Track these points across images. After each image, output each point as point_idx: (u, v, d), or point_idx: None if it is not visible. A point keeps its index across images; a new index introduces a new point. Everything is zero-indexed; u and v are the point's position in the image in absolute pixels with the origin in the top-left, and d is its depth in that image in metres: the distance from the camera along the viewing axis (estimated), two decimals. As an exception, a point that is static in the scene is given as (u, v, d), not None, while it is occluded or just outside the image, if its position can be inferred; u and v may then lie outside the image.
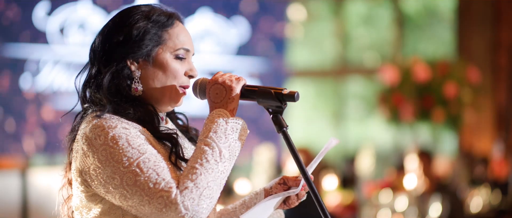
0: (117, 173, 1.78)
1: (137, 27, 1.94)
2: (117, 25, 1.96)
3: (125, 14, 1.98)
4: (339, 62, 9.85)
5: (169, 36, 1.97)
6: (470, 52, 8.68)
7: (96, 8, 6.52)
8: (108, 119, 1.86)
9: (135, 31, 1.93)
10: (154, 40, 1.95)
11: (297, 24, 9.66)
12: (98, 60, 1.95)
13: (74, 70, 6.39)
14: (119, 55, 1.94)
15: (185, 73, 1.99)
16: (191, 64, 2.01)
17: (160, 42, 1.96)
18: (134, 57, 1.94)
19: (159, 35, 1.96)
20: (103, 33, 1.97)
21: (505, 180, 6.65)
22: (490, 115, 8.64)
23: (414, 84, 6.91)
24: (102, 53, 1.95)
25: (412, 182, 5.32)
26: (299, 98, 1.89)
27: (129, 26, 1.94)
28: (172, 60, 1.96)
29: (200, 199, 1.75)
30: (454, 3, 9.30)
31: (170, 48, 1.96)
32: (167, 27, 1.97)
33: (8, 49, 6.22)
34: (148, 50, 1.94)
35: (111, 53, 1.94)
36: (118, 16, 1.99)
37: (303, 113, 9.98)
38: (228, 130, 1.84)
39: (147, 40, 1.94)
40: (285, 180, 2.10)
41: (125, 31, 1.94)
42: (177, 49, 1.97)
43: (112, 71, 1.93)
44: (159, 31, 1.96)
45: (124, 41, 1.93)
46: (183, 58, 1.98)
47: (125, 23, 1.95)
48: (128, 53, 1.94)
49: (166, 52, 1.96)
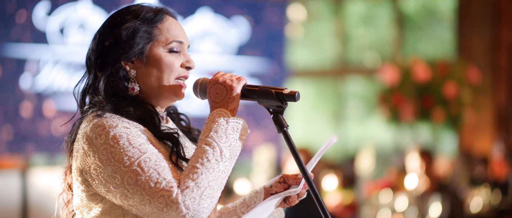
0: (118, 172, 1.78)
1: (125, 28, 1.94)
2: (107, 28, 1.98)
3: (114, 17, 1.99)
4: (339, 62, 9.85)
5: (159, 31, 1.97)
6: (470, 52, 8.69)
7: (96, 8, 6.52)
8: (109, 118, 1.86)
9: (124, 32, 1.94)
10: (144, 38, 1.95)
11: (297, 24, 9.66)
12: (94, 65, 1.96)
13: (74, 70, 6.40)
14: (112, 58, 1.94)
15: (181, 65, 1.98)
16: (187, 56, 2.00)
17: (151, 38, 1.96)
18: (128, 58, 1.95)
19: (149, 32, 1.96)
20: (95, 38, 1.99)
21: (505, 180, 6.65)
22: (490, 115, 8.65)
23: (414, 84, 6.92)
24: (96, 57, 1.96)
25: (413, 182, 5.32)
26: (300, 98, 1.89)
27: (118, 27, 1.95)
28: (165, 55, 1.96)
29: (201, 199, 1.75)
30: (454, 3, 9.30)
31: (162, 43, 1.97)
32: (157, 22, 1.97)
33: (8, 49, 6.22)
34: (140, 48, 1.95)
35: (105, 57, 1.95)
36: (108, 20, 2.00)
37: (303, 112, 9.98)
38: (228, 129, 1.84)
39: (138, 38, 1.94)
40: (285, 178, 2.10)
41: (115, 33, 1.94)
42: (169, 43, 1.97)
43: (108, 74, 1.94)
44: (148, 28, 1.96)
45: (115, 43, 1.94)
46: (177, 51, 1.98)
47: (114, 25, 1.96)
48: (120, 54, 1.94)
49: (158, 48, 1.96)
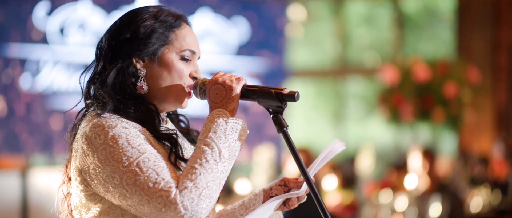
0: (117, 173, 1.78)
1: (144, 26, 1.94)
2: (124, 23, 1.97)
3: (134, 14, 1.99)
4: (339, 62, 9.85)
5: (175, 37, 1.98)
6: (470, 52, 8.68)
7: (95, 8, 6.52)
8: (108, 118, 1.86)
9: (142, 29, 1.94)
10: (160, 40, 1.96)
11: (297, 24, 9.66)
12: (104, 57, 1.96)
13: (74, 70, 6.40)
14: (125, 52, 1.94)
15: (189, 75, 1.99)
16: (196, 66, 2.01)
17: (166, 42, 1.96)
18: (140, 55, 1.95)
19: (166, 35, 1.97)
20: (110, 31, 1.98)
21: (505, 180, 6.65)
22: (490, 115, 8.64)
23: (414, 84, 6.92)
24: (108, 50, 1.96)
25: (413, 182, 5.32)
26: (299, 98, 1.89)
27: (136, 24, 1.95)
28: (177, 61, 1.97)
29: (200, 199, 1.75)
30: (454, 3, 9.30)
31: (176, 49, 1.97)
32: (175, 28, 1.98)
33: (8, 49, 6.22)
34: (154, 49, 1.95)
35: (117, 50, 1.95)
36: (126, 15, 2.00)
37: (303, 113, 9.98)
38: (227, 130, 1.84)
39: (153, 39, 1.95)
40: (285, 181, 2.10)
41: (132, 29, 1.95)
42: (183, 50, 1.97)
43: (117, 68, 1.93)
44: (166, 31, 1.97)
45: (131, 39, 1.94)
46: (189, 60, 1.99)
47: (133, 21, 1.96)
48: (134, 51, 1.94)
49: (172, 53, 1.96)
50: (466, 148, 8.48)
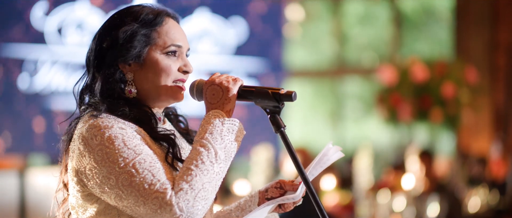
0: (113, 173, 1.78)
1: (124, 31, 1.92)
2: (106, 29, 1.96)
3: (114, 18, 1.97)
4: (337, 62, 9.85)
5: (158, 35, 1.95)
6: (468, 52, 8.69)
7: (93, 8, 6.51)
8: (104, 118, 1.85)
9: (121, 35, 1.92)
10: (142, 41, 1.93)
11: (295, 24, 9.66)
12: (92, 66, 1.95)
13: (72, 70, 6.40)
14: (109, 60, 1.92)
15: (178, 69, 1.96)
16: (185, 60, 1.98)
17: (149, 42, 1.94)
18: (125, 61, 1.93)
19: (148, 35, 1.94)
20: (95, 38, 1.97)
21: (503, 180, 6.66)
22: (488, 115, 8.65)
23: (412, 84, 6.92)
24: (94, 58, 1.94)
25: (410, 182, 5.32)
26: (297, 98, 1.88)
27: (116, 29, 1.93)
28: (163, 58, 1.94)
29: (195, 201, 1.74)
30: (452, 2, 9.31)
31: (160, 46, 1.94)
32: (156, 25, 1.95)
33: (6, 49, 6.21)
34: (138, 51, 1.93)
35: (102, 58, 1.93)
36: (108, 20, 1.98)
37: (300, 113, 9.98)
38: (224, 131, 1.83)
39: (135, 42, 1.92)
40: (281, 184, 2.08)
41: (113, 35, 1.93)
42: (167, 46, 1.95)
43: (104, 76, 1.92)
44: (147, 31, 1.94)
45: (113, 46, 1.92)
46: (175, 55, 1.96)
47: (113, 27, 1.94)
48: (117, 57, 1.92)
49: (156, 52, 1.94)
50: (464, 148, 8.49)
